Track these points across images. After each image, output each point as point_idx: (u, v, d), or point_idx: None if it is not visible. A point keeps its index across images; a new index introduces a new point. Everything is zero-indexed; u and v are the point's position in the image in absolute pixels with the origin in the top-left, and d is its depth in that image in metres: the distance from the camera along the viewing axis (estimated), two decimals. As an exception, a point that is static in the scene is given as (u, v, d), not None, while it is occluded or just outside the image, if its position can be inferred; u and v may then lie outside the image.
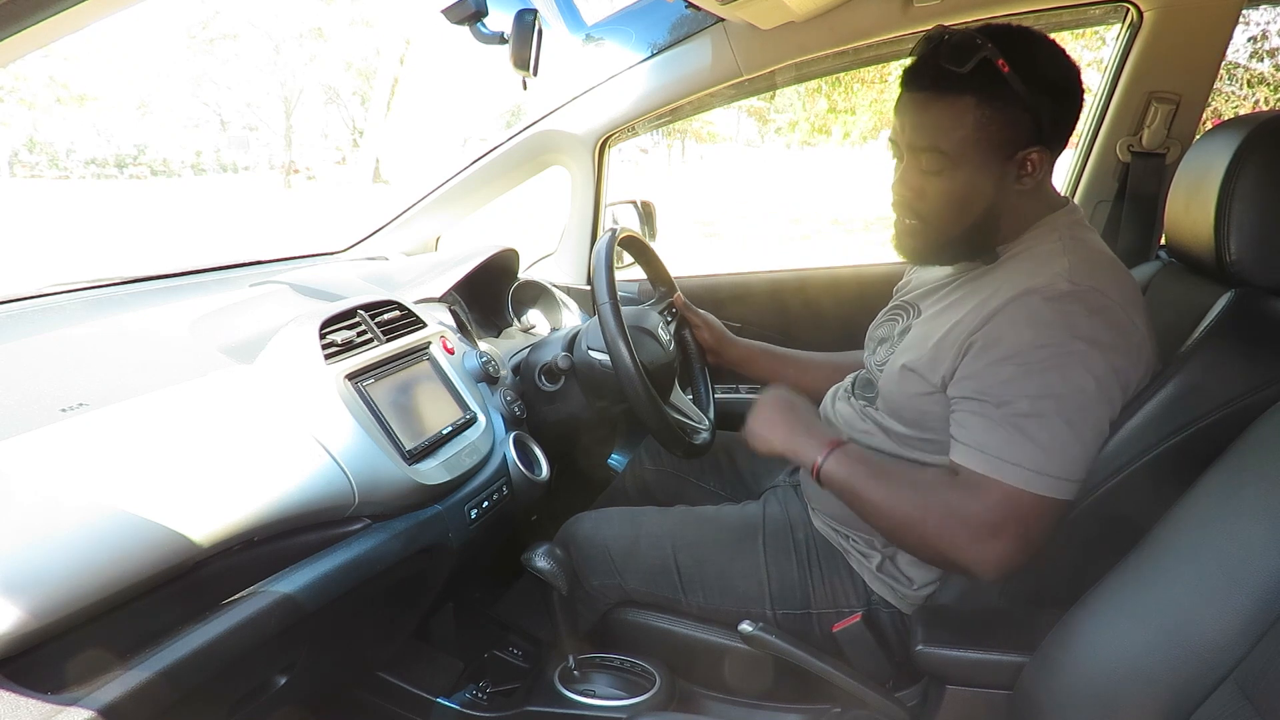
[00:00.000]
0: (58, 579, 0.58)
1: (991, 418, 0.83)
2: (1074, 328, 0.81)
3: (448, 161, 1.73)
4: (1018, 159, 0.86)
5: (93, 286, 1.15)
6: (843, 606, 1.00)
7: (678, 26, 1.43)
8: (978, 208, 0.88)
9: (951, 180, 0.87)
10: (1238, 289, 0.85)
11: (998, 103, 0.83)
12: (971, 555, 0.83)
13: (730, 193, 12.27)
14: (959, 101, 0.83)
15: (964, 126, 0.84)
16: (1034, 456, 0.80)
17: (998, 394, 0.83)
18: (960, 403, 0.87)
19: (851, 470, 0.92)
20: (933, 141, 0.86)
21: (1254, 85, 5.80)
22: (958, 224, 0.89)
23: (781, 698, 1.05)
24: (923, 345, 0.92)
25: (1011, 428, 0.81)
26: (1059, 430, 0.80)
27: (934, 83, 0.84)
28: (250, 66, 17.64)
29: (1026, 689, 0.77)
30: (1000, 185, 0.87)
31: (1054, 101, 0.84)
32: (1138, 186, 1.44)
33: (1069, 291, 0.82)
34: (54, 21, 0.58)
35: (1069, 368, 0.80)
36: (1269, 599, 0.57)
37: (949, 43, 0.83)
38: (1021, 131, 0.84)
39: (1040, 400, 0.81)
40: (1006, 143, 0.85)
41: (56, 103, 14.75)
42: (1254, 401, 0.77)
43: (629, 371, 1.02)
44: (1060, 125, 0.86)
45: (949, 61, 0.82)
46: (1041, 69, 0.83)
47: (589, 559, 1.10)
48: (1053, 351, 0.81)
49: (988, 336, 0.84)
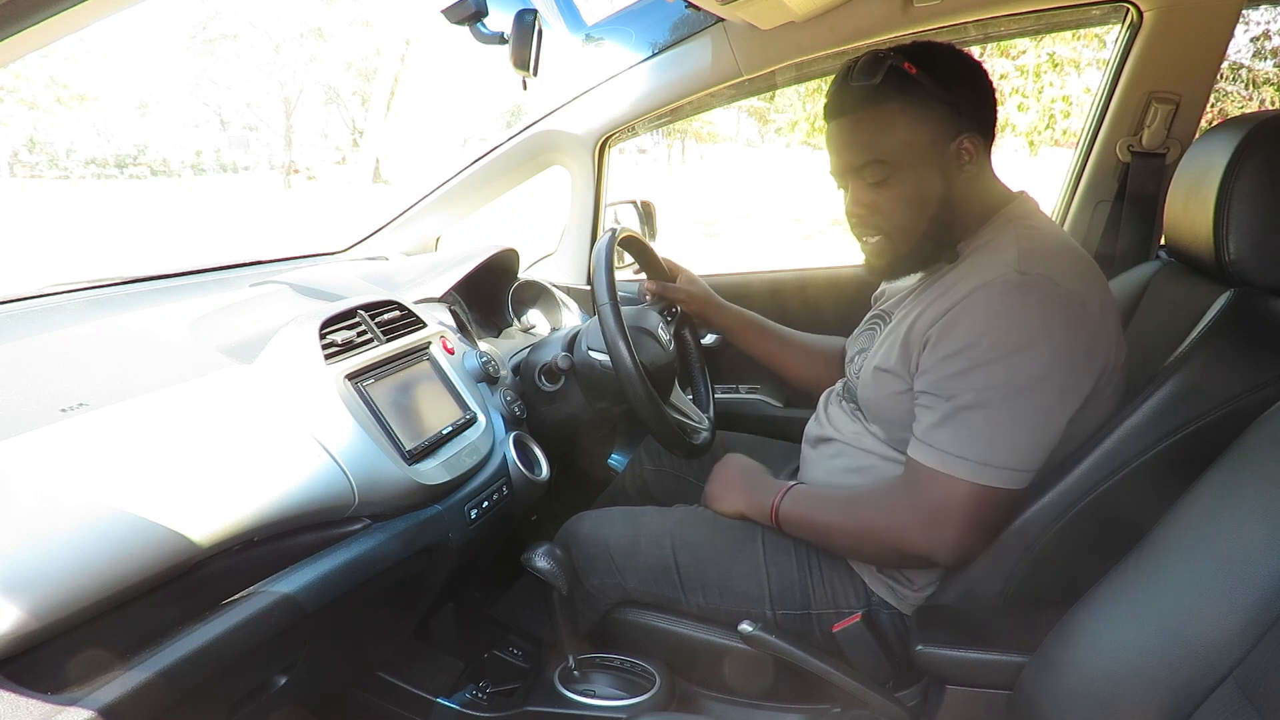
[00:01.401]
0: (58, 579, 0.58)
1: (940, 411, 0.86)
2: (1023, 319, 0.83)
3: (448, 161, 1.73)
4: (952, 149, 0.89)
5: (93, 286, 1.15)
6: (842, 607, 1.00)
7: (678, 26, 1.43)
8: (931, 204, 0.91)
9: (899, 185, 0.90)
10: (1237, 289, 0.85)
11: (917, 101, 0.87)
12: (926, 545, 0.87)
13: (730, 193, 12.27)
14: (882, 111, 0.87)
15: (894, 131, 0.88)
16: (978, 449, 0.83)
17: (946, 388, 0.85)
18: (919, 398, 0.90)
19: (805, 505, 1.00)
20: (870, 155, 0.89)
21: (1259, 86, 5.80)
22: (916, 227, 0.92)
23: (781, 698, 1.05)
24: (891, 347, 0.95)
25: (957, 421, 0.84)
26: (1004, 421, 0.83)
27: (854, 103, 0.89)
28: (250, 66, 17.66)
29: (1026, 689, 0.77)
30: (945, 177, 0.90)
31: (966, 89, 0.89)
32: (1138, 186, 1.44)
33: (1018, 283, 0.84)
34: (54, 21, 0.58)
35: (1016, 358, 0.82)
36: (1269, 599, 0.57)
37: (856, 66, 0.89)
38: (947, 122, 0.88)
39: (986, 391, 0.83)
40: (938, 136, 0.88)
41: (56, 103, 14.76)
42: (1253, 401, 0.77)
43: (629, 372, 1.02)
44: (980, 110, 0.90)
45: (860, 79, 0.88)
46: (944, 64, 0.89)
47: (589, 558, 1.10)
48: (1000, 342, 0.83)
49: (941, 332, 0.87)
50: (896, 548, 0.90)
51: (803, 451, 1.13)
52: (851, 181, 0.93)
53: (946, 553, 0.87)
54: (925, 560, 0.91)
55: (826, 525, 0.97)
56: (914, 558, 0.91)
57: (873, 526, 0.92)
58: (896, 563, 0.97)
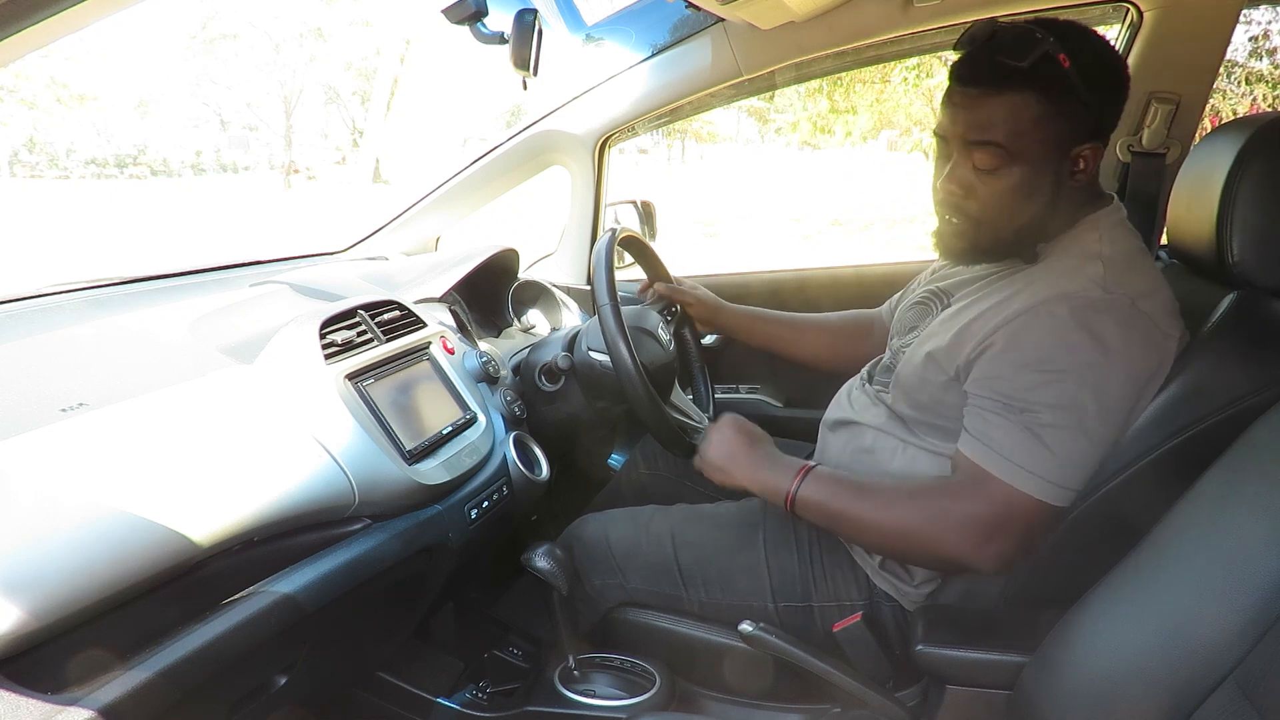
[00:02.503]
0: (58, 579, 0.58)
1: (1012, 422, 0.82)
2: (1102, 339, 0.79)
3: (448, 161, 1.73)
4: (1072, 155, 0.84)
5: (93, 286, 1.15)
6: (844, 600, 1.00)
7: (678, 26, 1.43)
8: (1032, 207, 0.85)
9: (1007, 178, 0.83)
10: (1240, 291, 0.85)
11: (1057, 98, 0.80)
12: (974, 556, 0.83)
13: (730, 193, 12.27)
14: (1019, 97, 0.80)
15: (1024, 122, 0.80)
16: (1049, 466, 0.80)
17: (1021, 399, 0.81)
18: (980, 400, 0.85)
19: (830, 492, 0.91)
20: (990, 137, 0.82)
21: (1252, 83, 5.80)
22: (1010, 224, 0.86)
23: (781, 698, 1.05)
24: (945, 334, 0.91)
25: (1032, 436, 0.80)
26: (1077, 443, 0.80)
27: (992, 77, 0.81)
28: (250, 66, 17.67)
29: (1026, 689, 0.77)
30: (1056, 181, 0.84)
31: (1108, 96, 0.83)
32: (1138, 187, 1.44)
33: (1100, 300, 0.80)
34: (54, 21, 0.58)
35: (1093, 380, 0.79)
36: (1269, 599, 0.57)
37: (1006, 35, 0.80)
38: (1079, 127, 0.82)
39: (1062, 411, 0.79)
40: (1064, 139, 0.82)
41: (56, 103, 14.75)
42: (1256, 403, 0.77)
43: (629, 372, 1.02)
44: (1113, 120, 0.85)
45: (1008, 56, 0.79)
46: (1097, 63, 0.81)
47: (592, 560, 1.10)
48: (1079, 362, 0.79)
49: (1012, 337, 0.83)
50: (934, 552, 0.85)
51: (820, 436, 1.12)
52: (958, 153, 0.85)
53: (991, 564, 0.83)
54: (959, 567, 0.86)
55: (854, 518, 0.89)
56: (949, 563, 0.87)
57: (910, 527, 0.86)
58: (923, 564, 0.93)
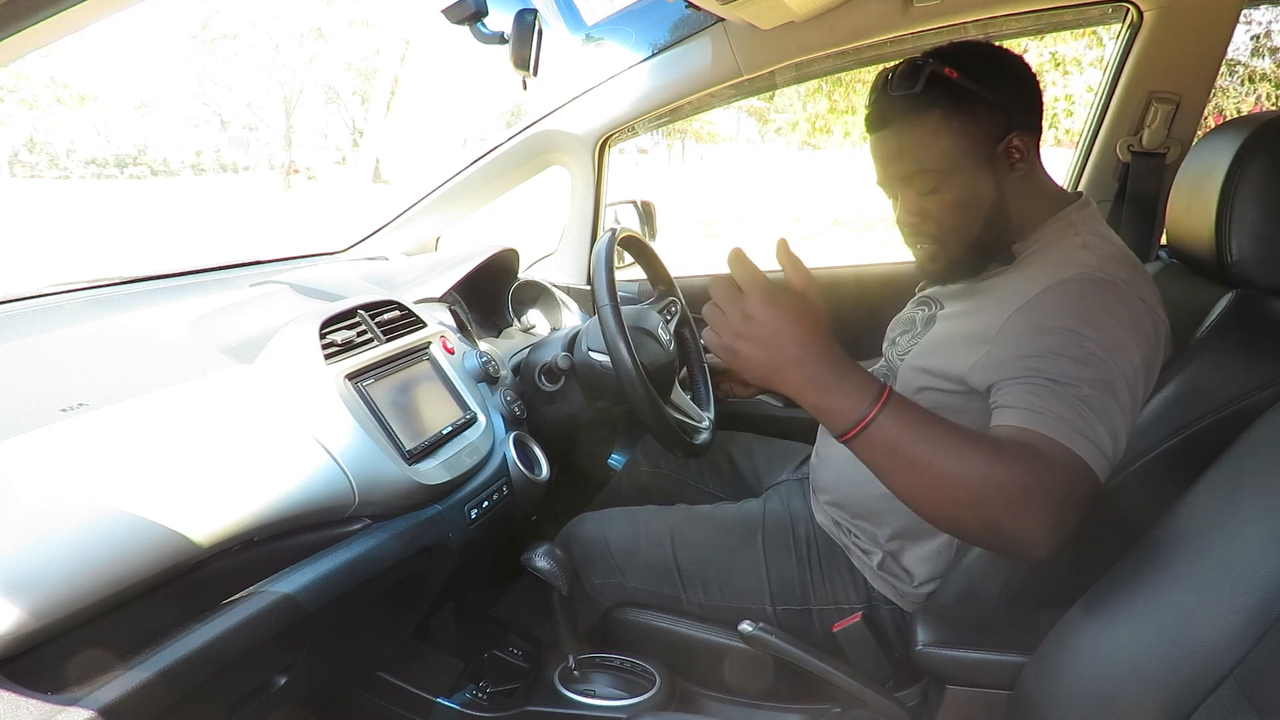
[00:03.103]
0: (58, 579, 0.58)
1: (1058, 394, 0.74)
2: (1115, 314, 0.79)
3: (448, 161, 1.73)
4: (1000, 150, 0.87)
5: (93, 286, 1.15)
6: (842, 603, 1.00)
7: (678, 26, 1.43)
8: (984, 208, 0.88)
9: (950, 191, 0.87)
10: (1239, 290, 0.85)
11: (962, 106, 0.84)
12: (1034, 531, 0.68)
13: (730, 193, 12.27)
14: (926, 119, 0.85)
15: (941, 138, 0.85)
16: (1102, 437, 0.73)
17: (1056, 373, 0.75)
18: (1012, 384, 0.78)
19: (914, 432, 0.70)
20: (918, 165, 0.87)
21: (1255, 81, 5.79)
22: (970, 231, 0.89)
23: (781, 698, 1.05)
24: (938, 346, 0.92)
25: (1082, 404, 0.73)
26: (1112, 412, 0.75)
27: (896, 113, 0.86)
28: (250, 66, 17.67)
29: (1026, 689, 0.77)
30: (996, 179, 0.88)
31: (1010, 88, 0.87)
32: (1138, 186, 1.44)
33: (1104, 279, 0.81)
34: (54, 21, 0.58)
35: (1118, 351, 0.77)
36: (1269, 599, 0.57)
37: (895, 74, 0.86)
38: (992, 124, 0.86)
39: (1097, 382, 0.75)
40: (984, 138, 0.86)
41: (56, 103, 14.76)
42: (1255, 402, 0.77)
43: (629, 372, 1.02)
44: (1028, 108, 0.88)
45: (900, 89, 0.85)
46: (984, 64, 0.86)
47: (591, 559, 1.10)
48: (1106, 334, 0.77)
49: (1030, 320, 0.81)
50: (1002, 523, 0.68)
51: (819, 436, 1.10)
52: (901, 191, 0.91)
53: (1044, 543, 0.68)
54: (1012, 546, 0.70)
55: (928, 470, 0.69)
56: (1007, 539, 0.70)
57: (991, 496, 0.68)
58: (974, 535, 0.79)
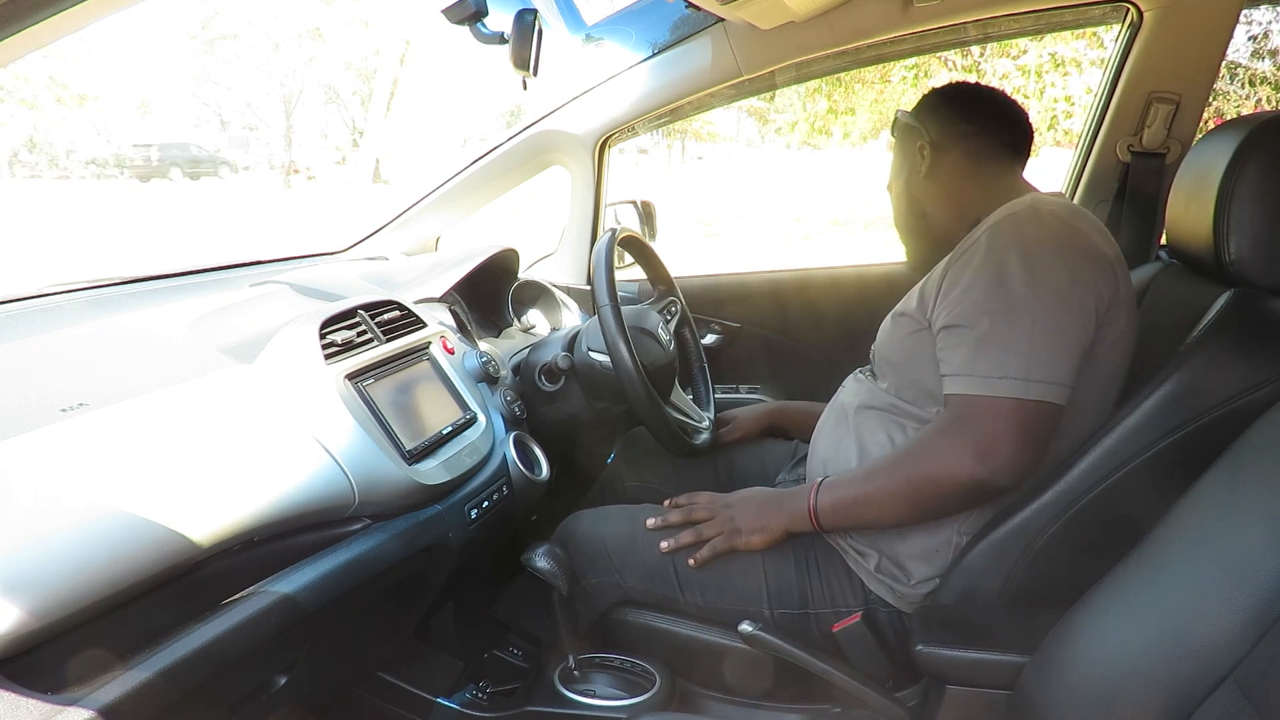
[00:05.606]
0: (58, 579, 0.57)
1: (971, 340, 0.87)
2: (1038, 240, 0.88)
3: (448, 161, 1.73)
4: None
5: (93, 286, 1.15)
6: (840, 606, 1.00)
7: (678, 26, 1.43)
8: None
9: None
10: (1237, 289, 0.85)
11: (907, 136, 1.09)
12: (984, 472, 0.85)
13: (730, 193, 12.27)
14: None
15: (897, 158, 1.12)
16: (1018, 365, 0.84)
17: (972, 314, 0.88)
18: (942, 335, 0.92)
19: (842, 488, 0.96)
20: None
21: (1255, 84, 5.79)
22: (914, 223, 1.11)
23: (781, 698, 1.05)
24: (910, 297, 1.00)
25: (991, 344, 0.86)
26: (1036, 335, 0.85)
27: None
28: (250, 66, 17.68)
29: (1026, 689, 0.77)
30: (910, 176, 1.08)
31: (929, 115, 1.07)
32: (1138, 186, 1.44)
33: (1030, 215, 0.90)
34: (54, 21, 0.58)
35: (1039, 274, 0.85)
36: (1269, 599, 0.57)
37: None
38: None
39: (1014, 310, 0.85)
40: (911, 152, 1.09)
41: (56, 103, 14.75)
42: (1253, 401, 0.77)
43: (629, 372, 1.02)
44: (947, 127, 1.05)
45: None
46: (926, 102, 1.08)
47: (587, 556, 1.10)
48: (1021, 261, 0.86)
49: (958, 268, 0.92)
50: (954, 485, 0.88)
51: (818, 428, 1.12)
52: None
53: (1004, 474, 0.85)
54: (983, 489, 0.88)
55: (872, 497, 0.93)
56: (973, 490, 0.88)
57: (923, 474, 0.89)
58: (956, 505, 0.93)
